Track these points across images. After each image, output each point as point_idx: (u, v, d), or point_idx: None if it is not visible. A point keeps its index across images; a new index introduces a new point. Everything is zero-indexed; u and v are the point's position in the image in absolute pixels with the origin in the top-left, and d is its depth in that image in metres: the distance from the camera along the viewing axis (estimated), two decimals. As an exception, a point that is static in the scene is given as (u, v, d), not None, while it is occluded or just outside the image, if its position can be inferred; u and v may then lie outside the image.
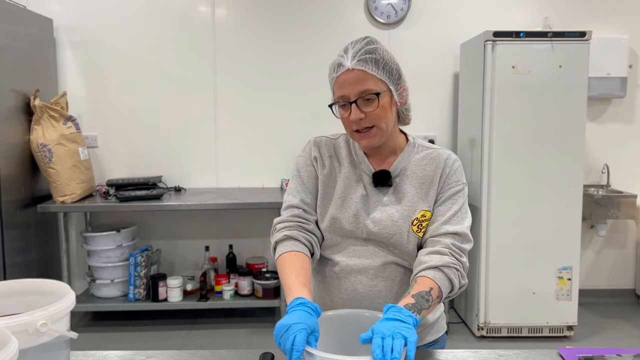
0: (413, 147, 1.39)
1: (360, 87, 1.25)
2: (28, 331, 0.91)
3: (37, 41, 3.50)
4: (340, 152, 1.42)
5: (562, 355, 1.25)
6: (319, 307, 1.12)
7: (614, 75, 3.72)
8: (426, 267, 1.23)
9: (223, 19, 3.79)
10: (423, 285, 1.18)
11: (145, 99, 3.82)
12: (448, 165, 1.35)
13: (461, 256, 1.27)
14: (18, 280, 1.10)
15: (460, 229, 1.30)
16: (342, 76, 1.27)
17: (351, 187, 1.37)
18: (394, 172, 1.36)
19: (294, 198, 1.40)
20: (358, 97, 1.25)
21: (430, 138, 3.84)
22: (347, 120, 1.29)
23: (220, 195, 3.55)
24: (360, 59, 1.25)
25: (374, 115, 1.27)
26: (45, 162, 3.28)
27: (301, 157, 1.44)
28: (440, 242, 1.28)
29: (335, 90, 1.30)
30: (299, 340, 0.99)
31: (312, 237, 1.36)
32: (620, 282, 4.06)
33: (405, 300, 1.14)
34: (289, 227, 1.36)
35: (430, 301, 1.16)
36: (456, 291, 1.25)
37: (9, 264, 3.08)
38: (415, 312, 1.10)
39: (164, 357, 1.24)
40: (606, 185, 3.89)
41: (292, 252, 1.30)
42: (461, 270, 1.25)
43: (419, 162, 1.37)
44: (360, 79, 1.25)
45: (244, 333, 3.51)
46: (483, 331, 3.36)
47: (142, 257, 3.54)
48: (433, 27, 3.82)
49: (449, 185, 1.34)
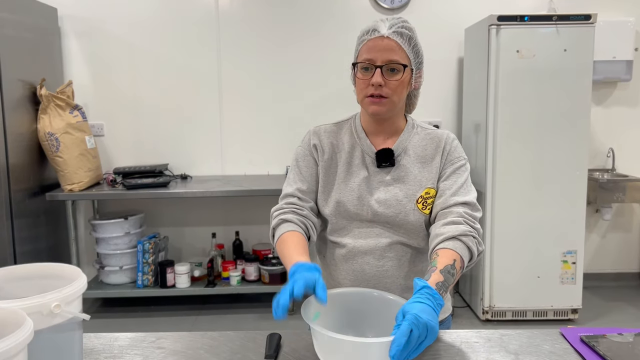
0: (412, 127, 1.43)
1: (390, 56, 1.29)
2: (42, 312, 0.93)
3: (42, 31, 3.52)
4: (341, 137, 1.44)
5: (564, 335, 1.27)
6: (317, 266, 1.14)
7: (620, 59, 3.69)
8: (445, 239, 1.24)
9: (227, 6, 3.79)
10: (446, 257, 1.20)
11: (150, 87, 3.83)
12: (448, 143, 1.39)
13: (475, 223, 1.30)
14: (30, 265, 1.12)
15: (469, 198, 1.33)
16: (374, 41, 1.30)
17: (353, 170, 1.40)
18: (396, 150, 1.38)
19: (290, 187, 1.44)
20: (385, 64, 1.29)
21: (435, 123, 3.84)
22: (365, 83, 1.32)
23: (226, 183, 3.58)
24: (396, 31, 1.30)
25: (393, 85, 1.30)
26: (53, 150, 3.31)
27: (300, 147, 1.47)
28: (453, 212, 1.30)
29: (363, 53, 1.33)
30: (297, 287, 1.04)
31: (308, 222, 1.39)
32: (625, 266, 4.07)
33: (435, 277, 1.14)
34: (283, 212, 1.39)
35: (455, 274, 1.19)
36: (475, 259, 1.28)
37: (19, 252, 3.12)
38: (443, 292, 1.12)
39: (174, 338, 1.27)
40: (611, 169, 3.88)
41: (288, 232, 1.34)
42: (478, 238, 1.28)
43: (419, 142, 1.40)
44: (391, 48, 1.29)
45: (251, 318, 3.56)
46: (488, 315, 3.39)
47: (150, 244, 3.58)
48: (437, 12, 3.80)
49: (451, 161, 1.37)
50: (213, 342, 1.25)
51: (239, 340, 1.25)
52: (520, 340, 1.24)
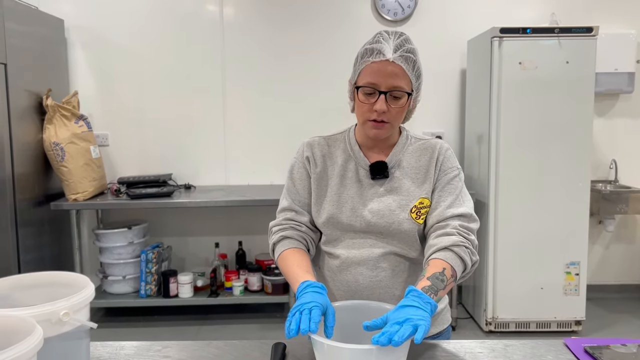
0: (407, 139, 1.43)
1: (395, 82, 1.27)
2: (51, 320, 0.94)
3: (49, 41, 3.56)
4: (334, 150, 1.45)
5: (568, 345, 1.27)
6: (324, 286, 1.17)
7: (622, 71, 3.71)
8: (436, 249, 1.26)
9: (231, 17, 3.83)
10: (435, 266, 1.22)
11: (154, 98, 3.86)
12: (441, 153, 1.39)
13: (469, 234, 1.30)
14: (39, 273, 1.13)
15: (465, 210, 1.33)
16: (379, 64, 1.27)
17: (347, 183, 1.40)
18: (390, 163, 1.39)
19: (286, 201, 1.45)
20: (389, 90, 1.28)
21: (438, 134, 3.86)
22: (367, 107, 1.30)
23: (230, 193, 3.59)
24: (402, 55, 1.27)
25: (395, 111, 1.30)
26: (58, 160, 3.33)
27: (294, 159, 1.49)
28: (448, 225, 1.31)
29: (366, 75, 1.29)
30: (315, 314, 1.05)
31: (307, 236, 1.42)
32: (628, 278, 4.06)
33: (422, 283, 1.17)
34: (283, 228, 1.41)
35: (445, 281, 1.19)
36: (469, 269, 1.28)
37: (23, 261, 3.13)
38: (432, 294, 1.14)
39: (180, 347, 1.28)
40: (614, 181, 3.89)
41: (290, 249, 1.36)
42: (470, 248, 1.28)
43: (413, 154, 1.41)
44: (397, 74, 1.27)
45: (254, 328, 3.55)
46: (491, 326, 3.38)
47: (153, 253, 3.59)
48: (440, 24, 3.83)
49: (444, 171, 1.38)
50: (218, 351, 1.25)
51: (244, 349, 1.26)
52: (524, 351, 1.25)
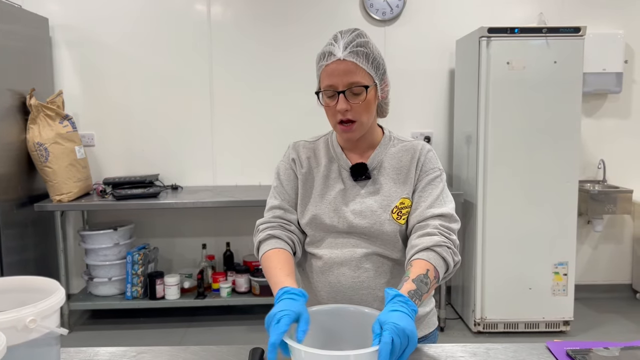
0: (389, 140, 1.43)
1: (350, 79, 1.27)
2: (17, 327, 0.91)
3: (33, 40, 3.51)
4: (318, 153, 1.46)
5: (550, 349, 1.26)
6: (303, 291, 1.14)
7: (610, 71, 3.72)
8: (418, 250, 1.24)
9: (219, 17, 3.80)
10: (419, 267, 1.20)
11: (141, 98, 3.82)
12: (423, 154, 1.38)
13: (450, 234, 1.29)
14: (8, 278, 1.10)
15: (445, 210, 1.33)
16: (331, 65, 1.28)
17: (330, 184, 1.40)
18: (371, 164, 1.39)
19: (275, 200, 1.44)
20: (347, 88, 1.28)
21: (427, 135, 3.85)
22: (332, 110, 1.31)
23: (217, 193, 3.56)
24: (352, 51, 1.27)
25: (359, 107, 1.29)
26: (42, 161, 3.28)
27: (281, 162, 1.49)
28: (429, 225, 1.30)
29: (323, 79, 1.31)
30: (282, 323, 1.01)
31: (294, 237, 1.39)
32: (616, 277, 4.07)
33: (407, 285, 1.15)
34: (271, 227, 1.39)
35: (429, 284, 1.18)
36: (451, 270, 1.27)
37: (6, 263, 3.09)
38: (416, 300, 1.12)
39: (155, 353, 1.25)
40: (602, 181, 3.89)
41: (275, 249, 1.33)
42: (453, 248, 1.27)
43: (395, 155, 1.40)
44: (351, 70, 1.27)
45: (242, 330, 3.52)
46: (480, 327, 3.37)
47: (140, 255, 3.55)
48: (428, 23, 3.82)
49: (426, 172, 1.37)
50: (194, 356, 1.22)
51: (221, 354, 1.23)
52: (506, 354, 1.23)
